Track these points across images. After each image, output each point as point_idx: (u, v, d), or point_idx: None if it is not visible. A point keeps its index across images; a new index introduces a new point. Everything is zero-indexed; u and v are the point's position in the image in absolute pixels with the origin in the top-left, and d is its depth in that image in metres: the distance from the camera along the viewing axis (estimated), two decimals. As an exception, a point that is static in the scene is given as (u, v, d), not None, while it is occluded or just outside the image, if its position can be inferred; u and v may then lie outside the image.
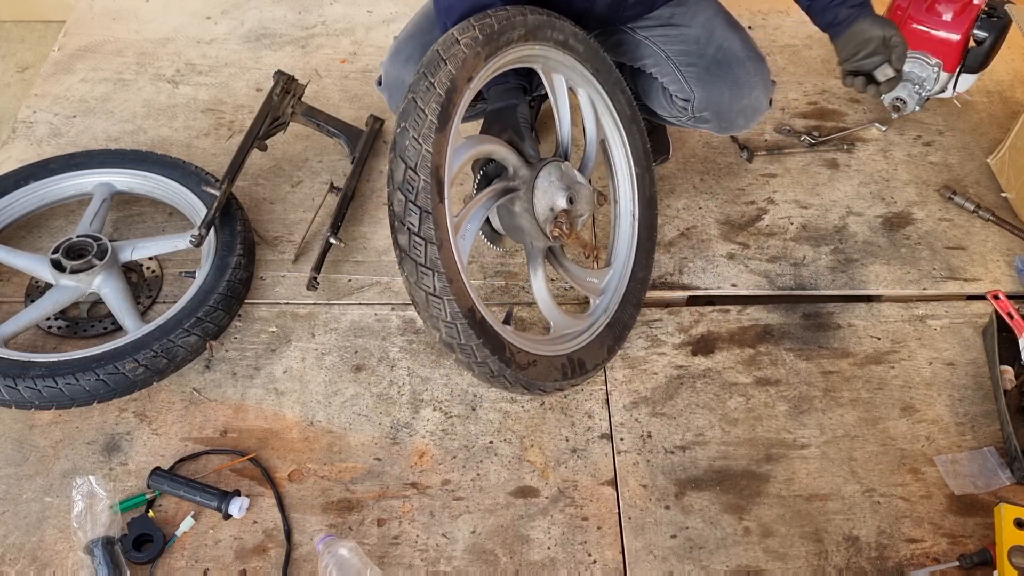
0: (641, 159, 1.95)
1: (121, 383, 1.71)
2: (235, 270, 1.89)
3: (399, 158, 1.45)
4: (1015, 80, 2.55)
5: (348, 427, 1.77)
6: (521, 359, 1.59)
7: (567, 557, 1.60)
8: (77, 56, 2.56)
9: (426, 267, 1.44)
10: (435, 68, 1.49)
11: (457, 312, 1.47)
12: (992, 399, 1.83)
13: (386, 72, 1.89)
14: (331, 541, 1.54)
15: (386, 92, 1.93)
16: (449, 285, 1.46)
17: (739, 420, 1.79)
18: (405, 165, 1.44)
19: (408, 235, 1.44)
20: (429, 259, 1.44)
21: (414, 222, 1.44)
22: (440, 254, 1.44)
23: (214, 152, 2.28)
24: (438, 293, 1.46)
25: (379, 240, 2.10)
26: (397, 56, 1.86)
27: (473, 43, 1.51)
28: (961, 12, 2.17)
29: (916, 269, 2.06)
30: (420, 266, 1.45)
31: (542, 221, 1.66)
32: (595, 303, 1.87)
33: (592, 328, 1.81)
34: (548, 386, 1.66)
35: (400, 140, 1.46)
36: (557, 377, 1.68)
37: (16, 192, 2.00)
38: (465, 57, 1.50)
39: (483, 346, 1.51)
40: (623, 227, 1.94)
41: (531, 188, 1.65)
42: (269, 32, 2.66)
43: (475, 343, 1.50)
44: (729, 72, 1.83)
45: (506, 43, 1.58)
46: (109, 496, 1.58)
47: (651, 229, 1.98)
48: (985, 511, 1.66)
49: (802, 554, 1.61)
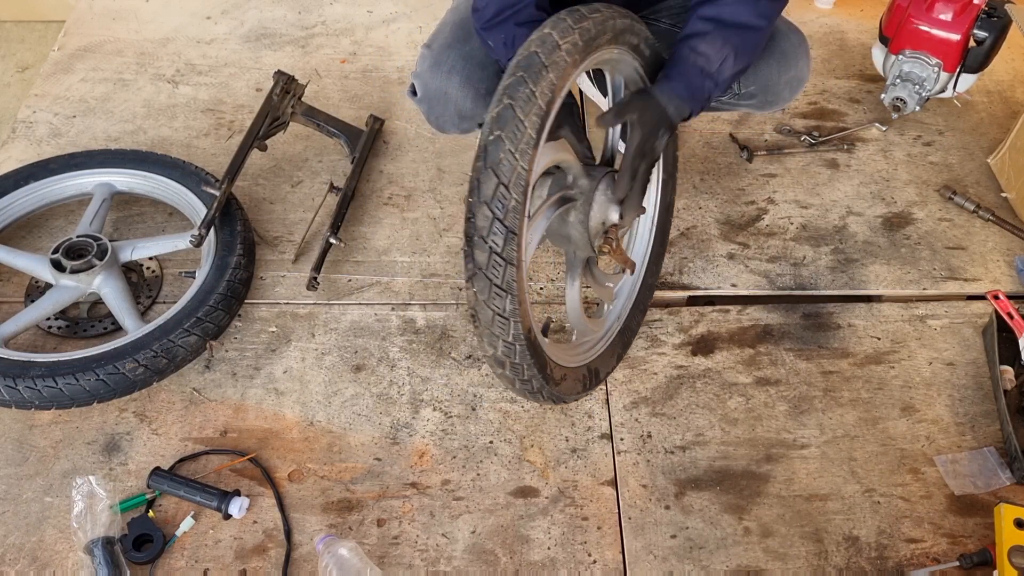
0: (669, 164, 1.93)
1: (121, 383, 1.71)
2: (235, 270, 1.89)
3: (491, 170, 1.33)
4: (1015, 80, 2.55)
5: (348, 427, 1.77)
6: (556, 374, 1.58)
7: (567, 557, 1.60)
8: (77, 56, 2.56)
9: (501, 288, 1.37)
10: (537, 76, 1.35)
11: (519, 334, 1.42)
12: (992, 399, 1.83)
13: (425, 84, 1.79)
14: (331, 541, 1.54)
15: (424, 104, 1.83)
16: (518, 307, 1.40)
17: (739, 420, 1.79)
18: (497, 180, 1.33)
19: (489, 254, 1.35)
20: (506, 281, 1.36)
21: (498, 242, 1.34)
22: (516, 276, 1.37)
23: (214, 152, 2.28)
24: (507, 315, 1.39)
25: (379, 240, 2.10)
26: (439, 68, 1.76)
27: (573, 49, 1.39)
28: (961, 12, 2.17)
29: (916, 269, 2.06)
30: (495, 286, 1.36)
31: (593, 234, 1.61)
32: (607, 309, 1.86)
33: (606, 335, 1.80)
34: (571, 398, 1.66)
35: (493, 150, 1.33)
36: (579, 389, 1.68)
37: (16, 192, 2.00)
38: (566, 65, 1.38)
39: (533, 365, 1.48)
40: (642, 232, 1.94)
41: (589, 200, 1.58)
42: (269, 32, 2.66)
43: (528, 363, 1.46)
44: (774, 44, 1.81)
45: (595, 48, 1.46)
46: (109, 496, 1.58)
47: (665, 235, 1.97)
48: (985, 511, 1.66)
49: (802, 554, 1.61)
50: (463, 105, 1.77)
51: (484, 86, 1.75)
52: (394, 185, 2.22)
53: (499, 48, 1.60)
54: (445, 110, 1.80)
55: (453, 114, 1.80)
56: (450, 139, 2.33)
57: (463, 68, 1.74)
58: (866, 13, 2.76)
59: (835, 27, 2.72)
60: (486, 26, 1.60)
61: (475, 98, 1.76)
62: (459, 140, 2.32)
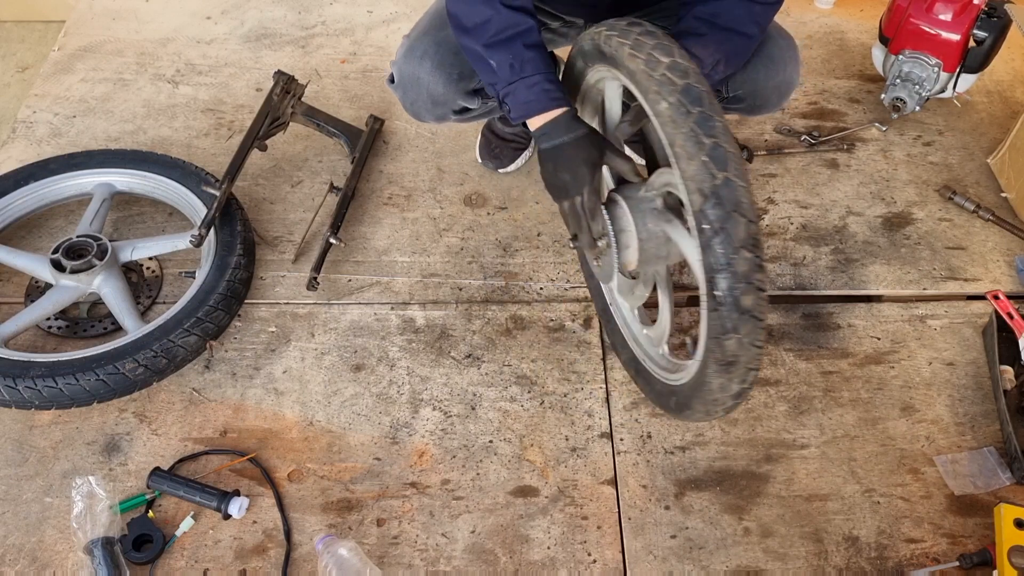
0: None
1: (121, 383, 1.71)
2: (235, 270, 1.89)
3: (739, 215, 1.27)
4: (1015, 80, 2.55)
5: (348, 427, 1.77)
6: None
7: (567, 557, 1.60)
8: (77, 56, 2.56)
9: (761, 322, 1.33)
10: (712, 106, 1.32)
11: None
12: (992, 399, 1.83)
13: (400, 70, 1.82)
14: (331, 541, 1.54)
15: (399, 90, 1.86)
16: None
17: (739, 420, 1.79)
18: (746, 220, 1.27)
19: (755, 295, 1.30)
20: (764, 311, 1.32)
21: (761, 279, 1.29)
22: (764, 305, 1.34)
23: (214, 152, 2.28)
24: (761, 345, 1.36)
25: (379, 240, 2.10)
26: (411, 53, 1.80)
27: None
28: (961, 12, 2.17)
29: (916, 269, 2.06)
30: (758, 324, 1.31)
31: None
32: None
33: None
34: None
35: (730, 193, 1.27)
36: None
37: (16, 192, 2.00)
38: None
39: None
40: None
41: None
42: (269, 32, 2.66)
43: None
44: (763, 48, 1.80)
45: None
46: (109, 496, 1.58)
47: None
48: (985, 511, 1.66)
49: (802, 554, 1.61)
50: (434, 89, 1.76)
51: (456, 71, 1.75)
52: (394, 185, 2.22)
53: (503, 70, 1.54)
54: (418, 95, 1.79)
55: (426, 99, 1.79)
56: (450, 139, 2.33)
57: (435, 53, 1.74)
58: (866, 13, 2.76)
59: (835, 27, 2.72)
60: (490, 43, 1.53)
61: (446, 83, 1.75)
62: (459, 140, 2.32)
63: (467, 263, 2.06)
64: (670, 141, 1.32)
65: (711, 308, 1.31)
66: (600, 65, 1.56)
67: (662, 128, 1.34)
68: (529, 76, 1.52)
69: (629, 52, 1.40)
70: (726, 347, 1.32)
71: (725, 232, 1.27)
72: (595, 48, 1.52)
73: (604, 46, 1.48)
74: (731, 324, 1.30)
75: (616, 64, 1.46)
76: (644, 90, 1.37)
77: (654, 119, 1.37)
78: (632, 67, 1.39)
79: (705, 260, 1.30)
